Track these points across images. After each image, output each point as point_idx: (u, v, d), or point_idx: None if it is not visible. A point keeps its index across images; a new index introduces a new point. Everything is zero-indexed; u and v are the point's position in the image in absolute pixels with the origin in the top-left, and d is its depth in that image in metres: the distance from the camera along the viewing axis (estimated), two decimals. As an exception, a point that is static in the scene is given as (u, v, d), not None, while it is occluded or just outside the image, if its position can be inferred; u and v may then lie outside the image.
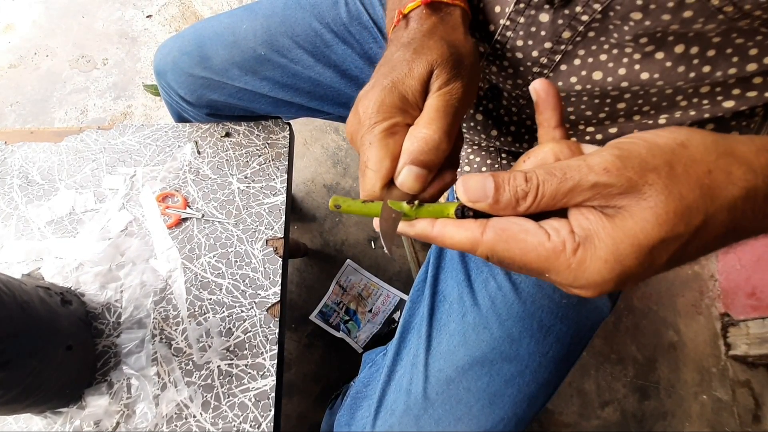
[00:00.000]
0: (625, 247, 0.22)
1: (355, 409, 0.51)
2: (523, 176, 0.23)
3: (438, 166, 0.28)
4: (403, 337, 0.50)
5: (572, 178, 0.22)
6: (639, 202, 0.21)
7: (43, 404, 0.50)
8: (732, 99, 0.34)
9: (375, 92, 0.29)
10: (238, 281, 0.59)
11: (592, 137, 0.40)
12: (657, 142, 0.22)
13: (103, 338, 0.56)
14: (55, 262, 0.59)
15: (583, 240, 0.22)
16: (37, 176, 0.64)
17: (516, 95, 0.40)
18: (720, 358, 1.11)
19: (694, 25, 0.28)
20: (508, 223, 0.24)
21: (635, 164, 0.22)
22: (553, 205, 0.23)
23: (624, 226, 0.22)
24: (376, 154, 0.28)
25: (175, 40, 0.60)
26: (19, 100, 1.28)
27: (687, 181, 0.21)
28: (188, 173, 0.64)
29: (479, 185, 0.24)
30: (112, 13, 1.40)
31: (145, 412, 0.52)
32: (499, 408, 0.43)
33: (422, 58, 0.30)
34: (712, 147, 0.22)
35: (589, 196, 0.22)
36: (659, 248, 0.22)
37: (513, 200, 0.23)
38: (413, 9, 0.34)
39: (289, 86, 0.58)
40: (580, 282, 0.23)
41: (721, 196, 0.21)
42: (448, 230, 0.25)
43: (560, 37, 0.33)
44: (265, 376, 0.55)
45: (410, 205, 0.27)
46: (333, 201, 0.28)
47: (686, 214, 0.21)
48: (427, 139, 0.27)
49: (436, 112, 0.29)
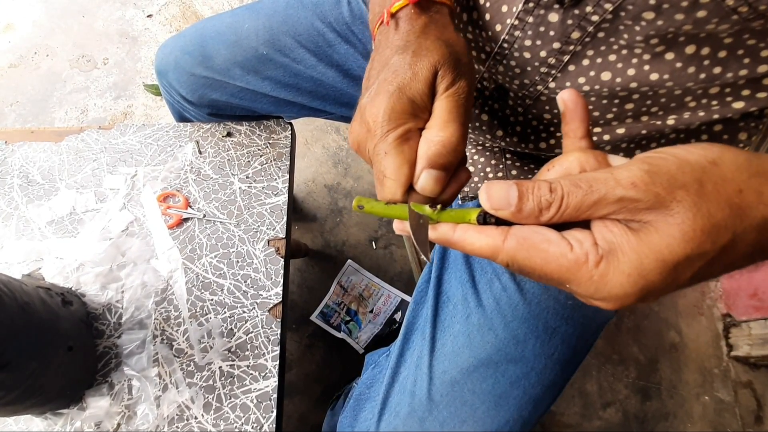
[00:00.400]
0: (649, 262, 0.21)
1: (358, 410, 0.51)
2: (548, 186, 0.23)
3: (455, 166, 0.29)
4: (407, 339, 0.49)
5: (598, 190, 0.22)
6: (666, 218, 0.21)
7: (44, 405, 0.50)
8: (742, 100, 0.33)
9: (382, 99, 0.29)
10: (239, 282, 0.59)
11: (599, 138, 0.39)
12: (688, 158, 0.22)
13: (104, 339, 0.55)
14: (56, 262, 0.58)
15: (606, 253, 0.22)
16: (38, 176, 0.64)
17: (523, 95, 0.39)
18: (722, 359, 1.11)
19: (708, 25, 0.28)
20: (530, 232, 0.23)
21: (664, 180, 0.21)
22: (577, 217, 0.23)
23: (649, 241, 0.21)
24: (393, 162, 0.28)
25: (177, 40, 0.60)
26: (19, 100, 1.28)
27: (717, 200, 0.21)
28: (189, 173, 0.64)
29: (503, 193, 0.24)
30: (112, 13, 1.39)
31: (146, 413, 0.52)
32: (504, 410, 0.42)
33: (424, 60, 0.30)
34: (744, 166, 0.22)
35: (614, 210, 0.22)
36: (684, 265, 0.21)
37: (536, 210, 0.23)
38: (401, 8, 0.33)
39: (291, 86, 0.58)
40: (601, 294, 0.23)
41: (751, 216, 0.21)
42: (469, 236, 0.25)
43: (569, 37, 0.33)
44: (266, 377, 0.54)
45: (433, 209, 0.27)
46: (357, 201, 0.29)
47: (713, 233, 0.21)
48: (445, 142, 0.27)
49: (449, 113, 0.29)
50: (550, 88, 0.37)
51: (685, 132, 0.38)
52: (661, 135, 0.38)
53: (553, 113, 0.40)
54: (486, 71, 0.40)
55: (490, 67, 0.39)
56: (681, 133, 0.38)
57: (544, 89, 0.37)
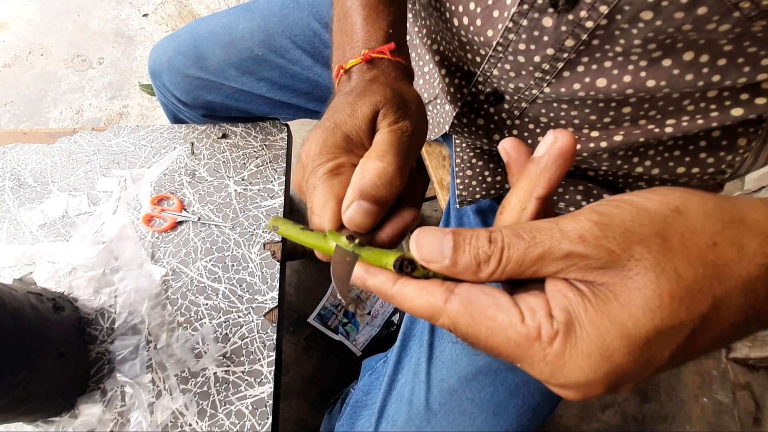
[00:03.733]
0: (612, 339, 0.17)
1: (355, 418, 0.50)
2: (487, 236, 0.20)
3: (389, 203, 0.25)
4: (404, 345, 0.49)
5: (542, 243, 0.19)
6: (624, 282, 0.18)
7: (35, 413, 0.49)
8: (740, 106, 0.33)
9: (317, 134, 0.27)
10: (234, 286, 0.58)
11: (596, 144, 0.39)
12: (646, 206, 0.19)
13: (96, 345, 0.54)
14: (48, 266, 0.57)
15: (562, 326, 0.18)
16: (30, 178, 0.63)
17: (518, 99, 0.39)
18: (720, 361, 1.11)
19: (708, 24, 0.27)
20: (479, 293, 0.20)
21: (617, 234, 0.18)
22: (521, 273, 0.19)
23: (609, 312, 0.18)
24: (321, 196, 0.26)
25: (171, 40, 0.59)
26: (13, 100, 1.26)
27: (685, 257, 0.18)
28: (184, 175, 0.63)
29: (436, 242, 0.20)
30: (107, 12, 1.38)
31: (139, 420, 0.51)
32: (503, 419, 0.42)
33: (365, 100, 0.28)
34: (715, 213, 0.18)
35: (562, 267, 0.19)
36: (657, 342, 0.18)
37: (474, 264, 0.20)
38: (354, 65, 0.33)
39: (287, 87, 0.57)
40: (558, 380, 0.19)
41: (734, 276, 0.17)
42: (409, 291, 0.21)
43: (563, 44, 0.32)
44: (262, 383, 0.53)
45: (349, 241, 0.24)
46: (272, 221, 0.27)
47: (687, 299, 0.17)
48: (380, 172, 0.25)
49: (389, 146, 0.26)
50: (546, 92, 0.37)
51: (683, 139, 0.37)
52: (659, 142, 0.37)
53: (549, 116, 0.39)
54: (481, 75, 0.39)
55: (485, 71, 0.38)
56: (679, 140, 0.37)
57: (539, 93, 0.37)
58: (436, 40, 0.45)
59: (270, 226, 0.27)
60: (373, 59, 0.33)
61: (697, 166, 0.38)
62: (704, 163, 0.38)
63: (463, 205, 0.50)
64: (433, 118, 0.50)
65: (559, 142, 0.21)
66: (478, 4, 0.36)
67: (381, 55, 0.33)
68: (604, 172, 0.42)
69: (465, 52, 0.40)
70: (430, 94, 0.49)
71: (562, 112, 0.38)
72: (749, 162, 0.37)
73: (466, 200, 0.50)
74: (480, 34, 0.37)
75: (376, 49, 0.33)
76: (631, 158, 0.39)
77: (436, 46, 0.45)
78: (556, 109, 0.38)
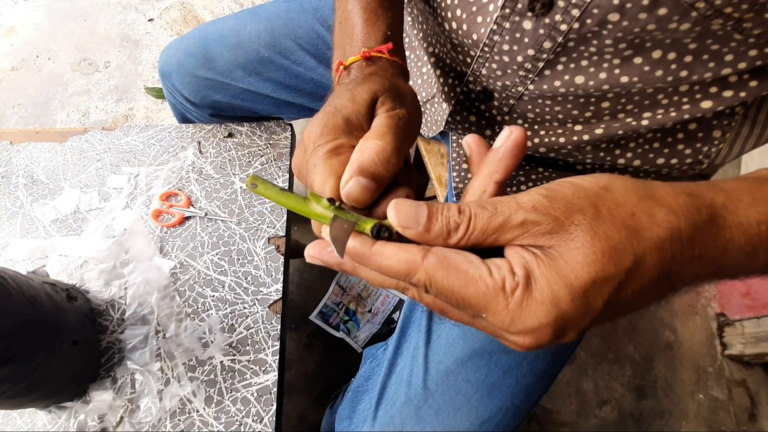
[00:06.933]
0: (558, 288, 0.21)
1: (356, 402, 0.52)
2: (457, 208, 0.23)
3: (386, 181, 0.27)
4: (404, 331, 0.51)
5: (502, 212, 0.22)
6: (567, 243, 0.22)
7: (48, 399, 0.51)
8: (710, 99, 0.35)
9: (318, 118, 0.29)
10: (240, 278, 0.60)
11: (579, 137, 0.41)
12: (582, 185, 0.23)
13: (107, 334, 0.56)
14: (60, 259, 0.59)
15: (522, 279, 0.22)
16: (42, 175, 0.65)
17: (506, 96, 0.41)
18: (716, 358, 1.12)
19: (670, 24, 0.30)
20: (452, 252, 0.23)
21: (561, 205, 0.22)
22: (484, 240, 0.23)
23: (556, 267, 0.21)
24: (321, 174, 0.27)
25: (180, 42, 0.61)
26: (21, 102, 1.29)
27: (612, 222, 0.22)
28: (191, 173, 0.65)
29: (412, 211, 0.23)
30: (113, 17, 1.41)
31: (149, 406, 0.53)
32: (497, 398, 0.44)
33: (365, 87, 0.30)
34: (633, 190, 0.23)
35: (518, 234, 0.22)
36: (592, 291, 0.21)
37: (444, 231, 0.23)
38: (354, 62, 0.36)
39: (291, 87, 0.60)
40: (516, 326, 0.22)
41: (648, 237, 0.22)
42: (388, 250, 0.23)
43: (542, 46, 0.35)
44: (267, 371, 0.55)
45: (330, 203, 0.26)
46: (251, 179, 0.27)
47: (614, 255, 0.21)
48: (378, 150, 0.26)
49: (387, 128, 0.28)
50: (530, 89, 0.39)
51: (661, 131, 0.40)
52: (639, 135, 0.40)
53: (535, 112, 0.42)
54: (471, 74, 0.42)
55: (474, 70, 0.41)
56: (657, 132, 0.40)
57: (525, 90, 0.39)
58: (432, 43, 0.47)
59: (248, 184, 0.27)
60: (372, 57, 0.36)
61: (675, 157, 0.41)
62: (682, 154, 0.41)
63: (459, 196, 0.52)
64: (431, 116, 0.52)
65: (513, 135, 0.25)
66: (464, 11, 0.38)
67: (379, 53, 0.36)
68: (590, 164, 0.45)
69: (457, 53, 0.43)
70: (428, 93, 0.52)
71: (547, 108, 0.40)
72: (724, 152, 0.40)
73: (462, 191, 0.52)
74: (468, 37, 0.39)
75: (374, 48, 0.36)
76: (613, 150, 0.42)
77: (431, 48, 0.48)
78: (541, 105, 0.40)
